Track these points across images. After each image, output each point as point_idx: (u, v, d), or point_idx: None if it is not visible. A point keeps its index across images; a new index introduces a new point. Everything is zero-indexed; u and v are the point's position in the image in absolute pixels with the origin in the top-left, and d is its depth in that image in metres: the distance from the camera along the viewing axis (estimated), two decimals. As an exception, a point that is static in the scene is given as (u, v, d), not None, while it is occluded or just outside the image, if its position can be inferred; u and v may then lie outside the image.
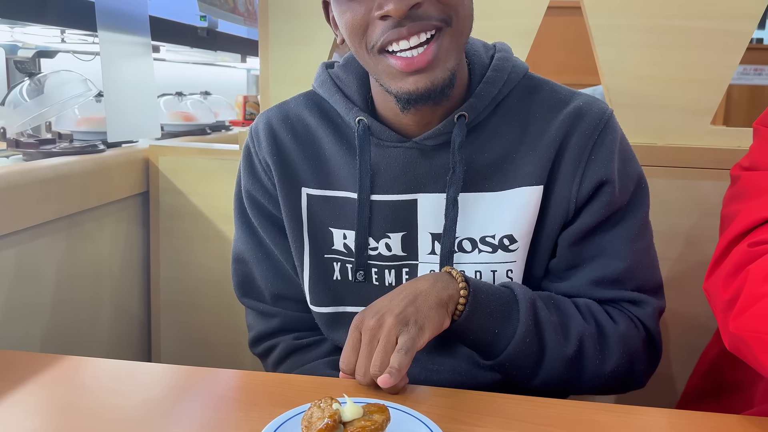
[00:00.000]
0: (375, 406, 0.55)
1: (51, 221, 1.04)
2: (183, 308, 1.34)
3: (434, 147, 0.79)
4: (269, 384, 0.70)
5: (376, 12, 0.69)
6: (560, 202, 0.79)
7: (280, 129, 0.85)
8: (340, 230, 0.83)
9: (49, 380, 0.69)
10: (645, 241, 0.81)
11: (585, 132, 0.78)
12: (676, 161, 1.13)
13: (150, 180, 1.30)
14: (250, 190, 0.87)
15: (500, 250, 0.79)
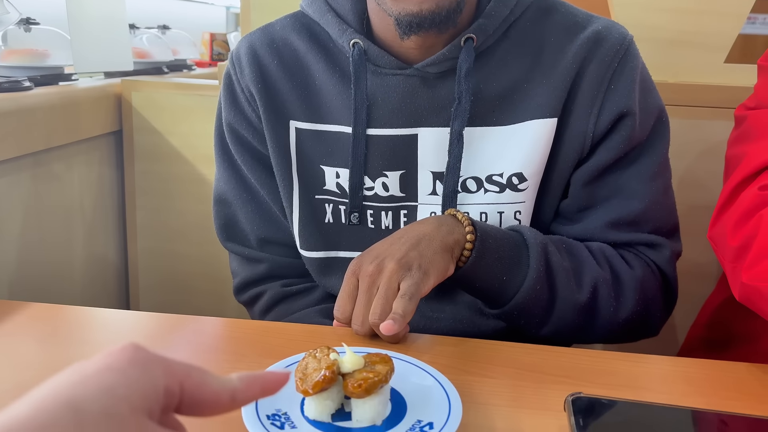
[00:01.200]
0: (377, 356, 0.49)
1: (13, 159, 0.95)
2: (162, 256, 1.27)
3: (438, 75, 0.71)
4: (257, 332, 0.64)
5: None
6: (575, 136, 0.72)
7: (265, 54, 0.76)
8: (332, 168, 0.76)
9: (18, 329, 0.62)
10: (664, 180, 0.75)
11: (604, 59, 0.71)
12: (688, 100, 1.06)
13: (123, 118, 1.20)
14: (232, 123, 0.79)
15: (508, 190, 0.73)
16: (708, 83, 1.07)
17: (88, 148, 1.14)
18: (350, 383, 0.45)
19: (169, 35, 1.74)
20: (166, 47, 1.60)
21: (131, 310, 0.69)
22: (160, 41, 1.60)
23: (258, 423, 0.44)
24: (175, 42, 1.72)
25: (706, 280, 1.12)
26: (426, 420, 0.46)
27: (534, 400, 0.52)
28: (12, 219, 0.97)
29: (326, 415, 0.46)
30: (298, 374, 0.47)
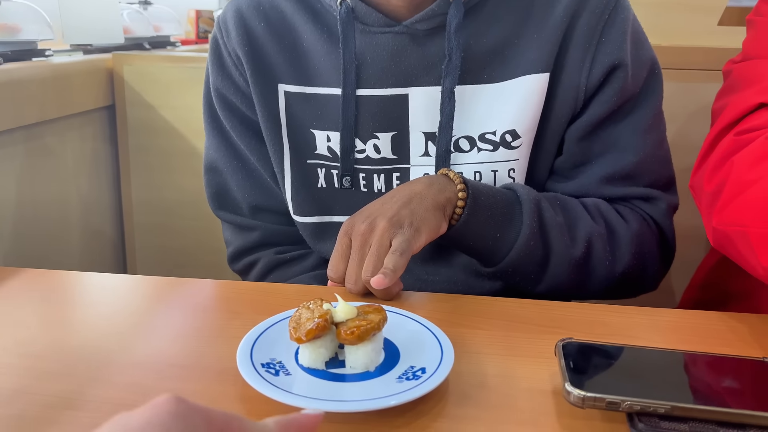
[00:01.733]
0: (370, 307, 0.50)
1: (5, 131, 0.95)
2: (159, 230, 1.27)
3: (427, 32, 0.71)
4: (251, 292, 0.65)
5: None
6: (568, 90, 0.72)
7: (252, 17, 0.76)
8: (323, 132, 0.76)
9: (5, 293, 0.62)
10: (658, 133, 0.75)
11: (595, 11, 0.71)
12: (681, 63, 1.06)
13: (115, 92, 1.20)
14: (220, 89, 0.79)
15: (502, 148, 0.73)
16: (701, 45, 1.07)
17: (81, 122, 1.14)
18: (343, 331, 0.46)
19: (151, 11, 1.67)
20: (148, 23, 1.56)
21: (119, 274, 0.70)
22: (141, 17, 1.55)
23: (253, 371, 0.45)
24: (157, 18, 1.65)
25: (700, 243, 1.13)
26: (419, 366, 0.46)
27: (526, 349, 0.53)
28: (6, 192, 0.98)
29: (320, 362, 0.47)
30: (292, 324, 0.47)
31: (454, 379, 0.48)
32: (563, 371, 0.44)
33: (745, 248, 0.59)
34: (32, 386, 0.46)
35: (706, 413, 0.41)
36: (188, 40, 1.97)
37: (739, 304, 0.85)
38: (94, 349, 0.51)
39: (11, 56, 1.08)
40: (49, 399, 0.45)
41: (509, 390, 0.47)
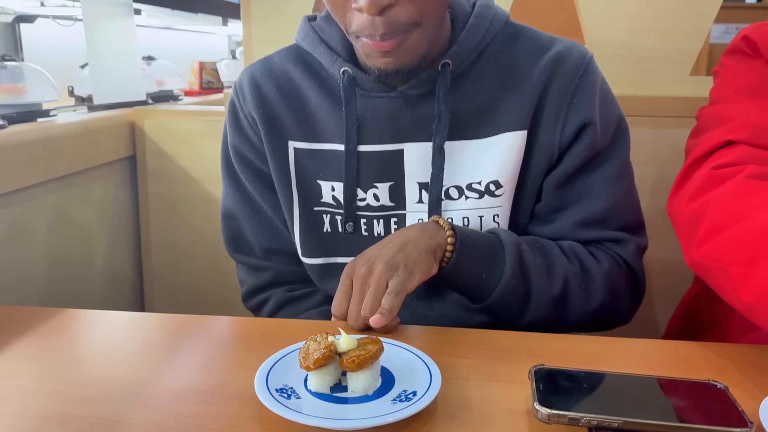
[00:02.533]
0: (369, 339, 0.58)
1: (40, 183, 1.05)
2: (175, 270, 1.35)
3: (419, 96, 0.80)
4: (265, 328, 0.73)
5: (353, 4, 0.70)
6: (544, 146, 0.80)
7: (265, 83, 0.86)
8: (328, 182, 0.84)
9: (48, 331, 0.70)
10: (626, 182, 0.83)
11: (566, 76, 0.80)
12: (656, 111, 1.15)
13: (136, 143, 1.30)
14: (237, 146, 0.88)
15: (486, 196, 0.81)
16: (675, 95, 1.16)
17: (106, 172, 1.23)
18: (345, 359, 0.54)
19: (154, 66, 1.74)
20: (150, 79, 1.61)
21: (144, 313, 0.78)
22: (144, 73, 1.59)
23: (269, 395, 0.52)
24: (160, 73, 1.73)
25: (684, 277, 1.19)
26: (410, 389, 0.54)
27: (505, 374, 0.60)
28: (39, 237, 1.07)
29: (326, 387, 0.54)
30: (302, 354, 0.55)
31: (442, 401, 0.55)
32: (534, 393, 0.52)
33: (725, 283, 0.66)
34: (78, 410, 0.54)
35: (655, 427, 0.48)
36: (192, 91, 2.04)
37: (712, 333, 0.92)
38: (127, 378, 0.59)
39: (16, 118, 1.11)
40: (94, 421, 0.52)
41: (490, 410, 0.54)
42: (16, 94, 1.14)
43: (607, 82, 0.84)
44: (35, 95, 1.16)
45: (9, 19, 1.32)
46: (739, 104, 0.78)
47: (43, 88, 1.18)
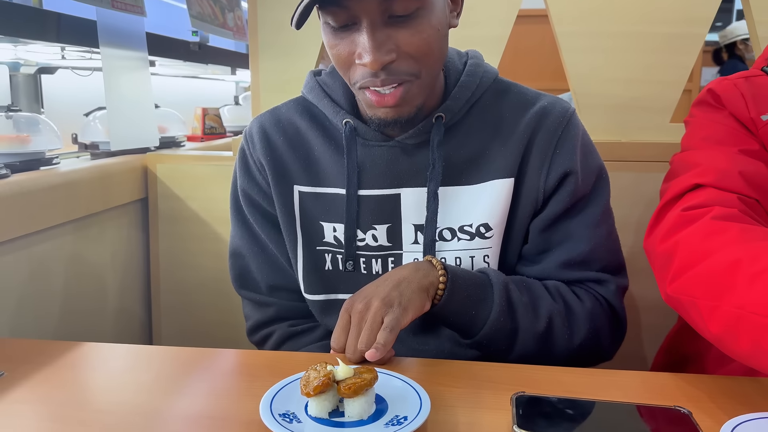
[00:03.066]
0: (364, 368, 0.63)
1: (59, 225, 1.11)
2: (182, 307, 1.41)
3: (415, 145, 0.87)
4: (268, 360, 0.78)
5: (357, 60, 0.76)
6: (530, 192, 0.87)
7: (273, 132, 0.93)
8: (330, 224, 0.90)
9: (66, 363, 0.76)
10: (607, 227, 0.89)
11: (550, 128, 0.86)
12: (639, 156, 1.22)
13: (149, 186, 1.37)
14: (246, 189, 0.95)
15: (477, 238, 0.87)
16: (656, 141, 1.23)
17: (119, 213, 1.30)
18: (342, 387, 0.59)
19: (158, 113, 1.71)
20: None
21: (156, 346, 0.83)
22: None
23: (273, 420, 0.58)
24: (164, 120, 1.72)
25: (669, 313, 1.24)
26: (402, 414, 0.59)
27: (490, 402, 0.65)
28: (57, 275, 1.13)
29: (325, 413, 0.60)
30: (303, 382, 0.61)
31: (432, 425, 0.60)
32: (513, 417, 0.57)
33: (696, 316, 0.72)
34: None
35: (623, 447, 0.53)
36: (194, 137, 2.05)
37: (693, 366, 0.97)
38: (140, 406, 0.64)
39: (19, 167, 1.13)
40: (114, 443, 0.57)
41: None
42: (20, 143, 1.18)
43: (588, 134, 0.91)
44: (39, 144, 1.20)
45: (32, 70, 1.41)
46: (706, 151, 0.85)
47: (47, 137, 1.22)
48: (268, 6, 1.33)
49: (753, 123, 0.84)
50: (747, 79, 0.88)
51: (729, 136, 0.85)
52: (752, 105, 0.85)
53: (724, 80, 0.90)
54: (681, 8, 1.21)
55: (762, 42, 1.21)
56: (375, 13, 0.73)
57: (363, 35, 0.74)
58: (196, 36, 1.79)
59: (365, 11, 0.73)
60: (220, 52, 2.03)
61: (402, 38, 0.75)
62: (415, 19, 0.75)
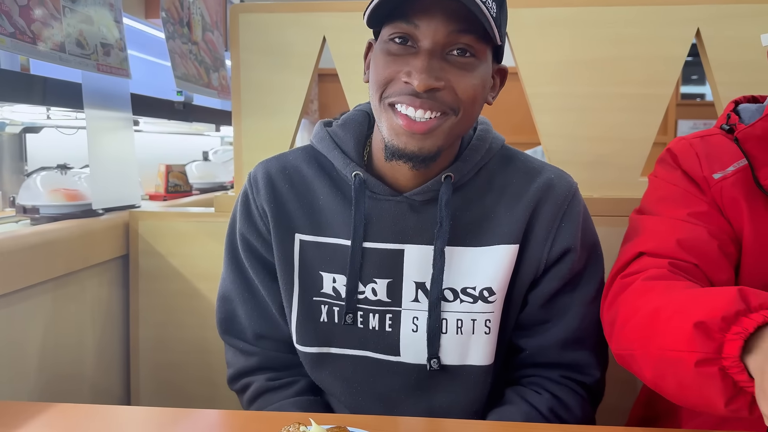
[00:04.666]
0: (337, 428, 0.63)
1: (39, 284, 1.11)
2: (161, 365, 1.40)
3: (422, 202, 0.88)
4: (245, 420, 0.78)
5: (404, 78, 0.78)
6: (533, 261, 0.89)
7: (279, 179, 0.92)
8: (330, 274, 0.90)
9: (42, 425, 0.75)
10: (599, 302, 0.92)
11: (556, 201, 0.89)
12: (612, 211, 1.25)
13: (130, 244, 1.38)
14: (244, 234, 0.94)
15: (480, 301, 0.88)
16: (627, 197, 1.27)
17: (100, 271, 1.31)
18: (314, 447, 0.60)
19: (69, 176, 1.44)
20: None
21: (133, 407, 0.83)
22: None
23: (244, 482, 0.58)
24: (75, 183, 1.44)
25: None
26: (373, 475, 0.60)
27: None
28: (35, 335, 1.12)
29: (297, 473, 0.60)
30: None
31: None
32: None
33: (635, 367, 0.75)
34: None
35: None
36: (157, 195, 1.92)
37: (668, 420, 0.98)
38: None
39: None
40: None
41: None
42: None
43: (588, 210, 0.95)
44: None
45: (17, 130, 1.44)
46: (655, 217, 0.90)
47: None
48: (251, 67, 1.38)
49: (705, 181, 0.89)
50: (703, 139, 0.93)
51: (681, 199, 0.90)
52: (705, 164, 0.89)
53: (682, 140, 0.94)
54: (645, 70, 1.27)
55: (723, 101, 1.27)
56: (440, 41, 0.77)
57: (419, 58, 0.77)
58: (180, 95, 1.84)
59: (432, 35, 0.76)
60: (204, 110, 2.08)
61: (453, 75, 0.78)
62: (469, 65, 0.79)
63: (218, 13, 2.05)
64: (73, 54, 1.21)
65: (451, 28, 0.77)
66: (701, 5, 1.26)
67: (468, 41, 0.78)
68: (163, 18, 1.66)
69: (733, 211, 0.88)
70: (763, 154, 0.84)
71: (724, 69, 1.27)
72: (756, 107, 0.93)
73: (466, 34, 0.77)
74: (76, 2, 1.24)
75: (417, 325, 0.88)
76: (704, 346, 0.64)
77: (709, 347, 0.63)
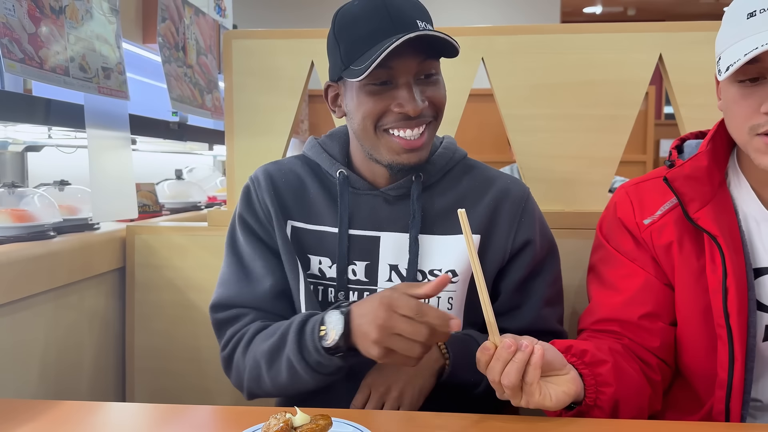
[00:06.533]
0: (320, 415, 0.70)
1: (42, 293, 1.18)
2: (155, 372, 1.45)
3: (395, 197, 1.03)
4: (236, 415, 0.84)
5: (396, 108, 0.94)
6: (498, 250, 1.04)
7: (277, 176, 1.07)
8: (317, 257, 1.04)
9: (47, 420, 0.82)
10: (559, 285, 1.10)
11: (515, 200, 1.06)
12: (582, 224, 1.33)
13: (127, 256, 1.45)
14: (244, 217, 1.06)
15: None
16: (596, 211, 1.34)
17: (98, 282, 1.37)
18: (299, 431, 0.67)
19: (67, 192, 1.45)
20: (54, 208, 1.31)
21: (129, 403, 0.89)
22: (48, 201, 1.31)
23: (235, 463, 0.64)
24: (73, 198, 1.44)
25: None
26: (352, 456, 0.66)
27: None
28: (37, 340, 1.18)
29: (283, 456, 0.66)
30: (264, 428, 0.68)
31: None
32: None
33: None
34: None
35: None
36: None
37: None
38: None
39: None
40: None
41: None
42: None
43: None
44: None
45: (19, 149, 1.50)
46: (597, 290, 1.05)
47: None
48: (243, 90, 1.46)
49: (637, 227, 1.01)
50: (636, 186, 1.05)
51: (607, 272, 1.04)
52: (638, 211, 1.01)
53: (622, 188, 1.06)
54: (612, 93, 1.36)
55: (686, 122, 1.36)
56: (413, 73, 0.94)
57: (403, 90, 0.94)
58: (175, 116, 1.91)
59: (405, 71, 0.93)
60: (199, 130, 2.15)
61: (429, 92, 0.96)
62: (435, 79, 0.97)
63: (212, 37, 2.14)
64: (76, 77, 1.29)
65: (419, 60, 0.94)
66: (663, 33, 1.36)
67: (432, 65, 0.96)
68: (160, 43, 1.74)
69: (663, 253, 0.98)
70: (692, 191, 0.93)
71: (685, 92, 1.36)
72: (696, 143, 1.01)
73: (430, 59, 0.95)
74: (79, 29, 1.32)
75: None
76: None
77: None
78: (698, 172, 0.94)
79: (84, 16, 1.34)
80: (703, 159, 0.94)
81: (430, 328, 0.80)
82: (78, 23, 1.32)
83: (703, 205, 0.93)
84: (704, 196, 0.93)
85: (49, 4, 1.22)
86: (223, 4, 2.46)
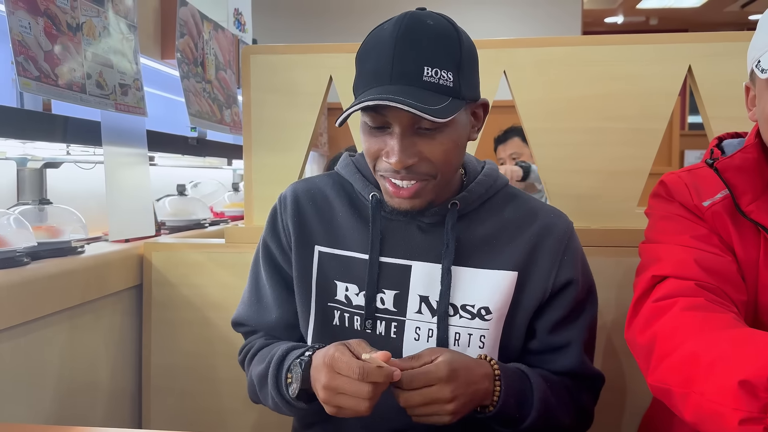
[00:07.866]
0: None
1: (56, 313, 1.16)
2: (172, 392, 1.43)
3: (430, 224, 0.98)
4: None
5: (384, 157, 0.89)
6: (538, 288, 0.97)
7: (304, 198, 1.04)
8: (343, 283, 0.99)
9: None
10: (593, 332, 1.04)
11: (558, 237, 0.99)
12: (609, 241, 1.29)
13: (144, 274, 1.43)
14: (267, 241, 1.05)
15: (477, 318, 0.95)
16: (624, 227, 1.30)
17: (114, 300, 1.35)
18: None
19: (49, 211, 1.32)
20: (28, 232, 1.17)
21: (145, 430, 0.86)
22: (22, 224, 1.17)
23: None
24: (56, 220, 1.31)
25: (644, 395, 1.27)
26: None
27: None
28: (51, 362, 1.17)
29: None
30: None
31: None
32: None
33: (673, 403, 0.78)
34: None
35: None
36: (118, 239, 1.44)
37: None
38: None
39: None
40: None
41: None
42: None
43: None
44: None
45: (38, 165, 1.50)
46: (665, 245, 0.95)
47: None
48: (262, 105, 1.44)
49: (698, 209, 0.94)
50: (690, 172, 0.98)
51: (683, 225, 0.94)
52: (695, 194, 0.95)
53: (672, 174, 0.99)
54: (639, 106, 1.32)
55: (716, 133, 1.30)
56: (406, 125, 0.86)
57: (393, 139, 0.87)
58: (194, 131, 1.91)
59: (398, 121, 0.86)
60: (217, 145, 2.14)
61: (425, 147, 0.87)
62: (440, 133, 0.87)
63: (231, 52, 2.13)
64: (93, 95, 1.28)
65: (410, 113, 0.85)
66: (691, 44, 1.31)
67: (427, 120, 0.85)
68: (178, 59, 1.74)
69: (726, 235, 0.93)
70: (743, 183, 0.89)
71: (715, 104, 1.31)
72: (737, 141, 0.98)
73: None
74: (97, 46, 1.32)
75: (419, 335, 0.96)
76: (749, 405, 0.65)
77: (754, 406, 0.65)
78: (748, 163, 0.90)
79: (101, 33, 1.34)
80: (752, 151, 0.91)
81: (373, 385, 0.79)
82: (95, 40, 1.31)
83: (755, 198, 0.89)
84: (756, 189, 0.89)
85: (66, 22, 1.22)
86: (242, 18, 2.46)
